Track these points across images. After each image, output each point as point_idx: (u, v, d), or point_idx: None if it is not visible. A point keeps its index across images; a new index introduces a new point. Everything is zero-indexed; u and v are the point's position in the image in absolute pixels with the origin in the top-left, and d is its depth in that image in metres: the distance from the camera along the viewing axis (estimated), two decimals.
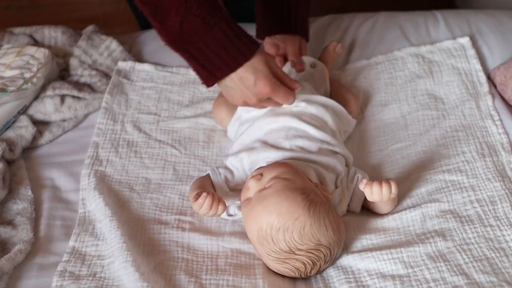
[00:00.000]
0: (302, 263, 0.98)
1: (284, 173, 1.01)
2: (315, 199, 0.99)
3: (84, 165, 1.21)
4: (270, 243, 0.97)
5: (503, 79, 1.36)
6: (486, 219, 1.06)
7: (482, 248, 1.00)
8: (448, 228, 1.05)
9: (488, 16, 1.57)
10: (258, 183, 1.01)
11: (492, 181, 1.13)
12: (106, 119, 1.33)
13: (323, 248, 0.97)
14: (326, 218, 0.98)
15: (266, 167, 1.05)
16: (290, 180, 1.00)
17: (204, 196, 1.02)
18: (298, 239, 0.96)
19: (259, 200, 0.99)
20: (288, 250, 0.97)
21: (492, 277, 0.95)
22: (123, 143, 1.28)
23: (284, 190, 0.98)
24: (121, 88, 1.41)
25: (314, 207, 0.97)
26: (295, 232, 0.95)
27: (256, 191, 1.01)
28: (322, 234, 0.97)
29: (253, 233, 0.99)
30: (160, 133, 1.31)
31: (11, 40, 1.50)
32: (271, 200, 0.97)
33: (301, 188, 1.00)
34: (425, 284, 0.95)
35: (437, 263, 0.98)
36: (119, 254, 1.00)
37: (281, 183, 0.99)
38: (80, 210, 1.13)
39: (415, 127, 1.30)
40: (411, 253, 1.01)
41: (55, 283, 0.99)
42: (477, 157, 1.18)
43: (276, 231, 0.96)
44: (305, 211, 0.96)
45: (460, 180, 1.14)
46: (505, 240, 1.02)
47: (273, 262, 0.99)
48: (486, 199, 1.09)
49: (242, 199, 1.04)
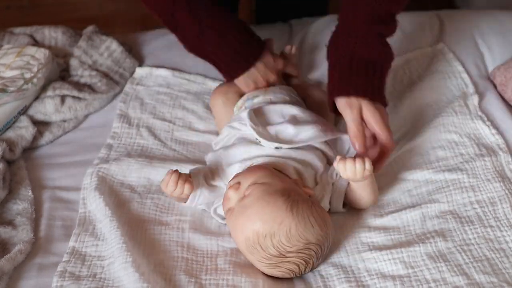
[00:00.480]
0: (295, 264, 0.98)
1: (261, 178, 1.01)
2: (296, 198, 0.99)
3: (91, 165, 1.21)
4: (260, 250, 0.97)
5: (503, 79, 1.36)
6: (486, 220, 1.06)
7: (482, 248, 1.00)
8: (448, 229, 1.05)
9: (488, 16, 1.57)
10: (237, 192, 1.01)
11: (492, 181, 1.13)
12: (122, 122, 1.33)
13: (313, 245, 0.97)
14: (310, 216, 0.98)
15: (242, 173, 1.05)
16: (268, 184, 1.00)
17: (170, 173, 1.03)
18: (286, 242, 0.96)
19: (241, 210, 0.99)
20: (278, 255, 0.97)
21: (492, 278, 0.95)
22: (138, 148, 1.27)
23: (264, 196, 0.98)
24: (136, 94, 1.41)
25: (296, 207, 0.97)
26: (282, 235, 0.95)
27: (237, 200, 1.01)
28: (309, 232, 0.97)
29: (241, 243, 1.00)
30: (175, 143, 1.30)
31: (11, 40, 1.50)
32: (253, 209, 0.97)
33: (281, 190, 0.99)
34: (426, 284, 0.95)
35: (438, 263, 0.98)
36: (119, 255, 1.00)
37: (260, 189, 0.99)
38: (81, 210, 1.13)
39: (412, 130, 1.30)
40: (411, 253, 1.01)
41: (55, 283, 0.99)
42: (475, 157, 1.19)
43: (263, 238, 0.96)
44: (288, 213, 0.96)
45: (460, 178, 1.14)
46: (505, 241, 1.02)
47: (266, 268, 1.00)
48: (486, 200, 1.10)
49: (225, 209, 1.04)
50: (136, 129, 1.32)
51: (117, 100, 1.41)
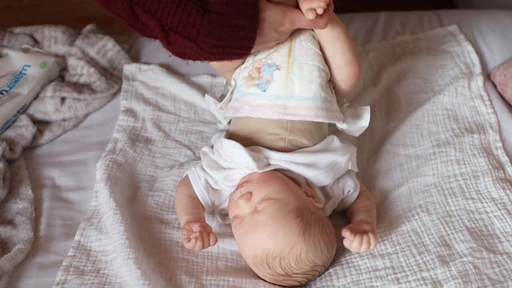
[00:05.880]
0: (298, 282, 0.99)
1: (275, 192, 0.98)
2: (309, 219, 0.97)
3: (100, 158, 1.21)
4: (266, 268, 0.97)
5: (503, 79, 1.36)
6: (468, 192, 1.11)
7: (463, 219, 1.05)
8: (432, 202, 1.10)
9: (488, 16, 1.57)
10: (248, 203, 0.98)
11: (477, 156, 1.17)
12: (127, 116, 1.33)
13: (319, 267, 0.99)
14: (321, 239, 0.97)
15: (254, 182, 1.01)
16: (282, 201, 0.97)
17: (195, 239, 0.97)
18: (295, 265, 0.96)
19: (253, 228, 0.97)
20: (284, 274, 0.97)
21: (471, 244, 1.00)
22: (141, 139, 1.28)
23: (279, 217, 0.96)
24: (135, 90, 1.41)
25: (309, 231, 0.96)
26: (292, 260, 0.95)
27: (248, 212, 0.98)
28: (318, 257, 0.97)
29: (248, 258, 0.99)
30: (179, 134, 1.31)
31: (11, 40, 1.50)
32: (266, 229, 0.96)
33: (295, 209, 0.97)
34: (412, 258, 1.00)
35: (422, 238, 1.03)
36: (122, 251, 1.00)
37: (274, 207, 0.97)
38: (93, 203, 1.13)
39: (411, 107, 1.35)
40: (399, 232, 1.05)
41: (59, 278, 0.99)
42: (465, 132, 1.23)
43: (272, 259, 0.96)
44: (300, 238, 0.95)
45: (448, 152, 1.18)
46: (485, 211, 1.06)
47: (268, 281, 1.00)
48: (470, 173, 1.14)
49: (231, 215, 1.02)
50: (142, 123, 1.32)
51: (116, 99, 1.41)
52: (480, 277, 0.94)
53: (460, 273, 0.94)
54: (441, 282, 0.94)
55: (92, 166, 1.21)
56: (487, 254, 0.98)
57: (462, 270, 0.95)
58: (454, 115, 1.29)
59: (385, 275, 0.98)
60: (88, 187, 1.19)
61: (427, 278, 0.96)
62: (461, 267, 0.96)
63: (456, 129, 1.25)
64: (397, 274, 0.98)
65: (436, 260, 0.98)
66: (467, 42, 1.47)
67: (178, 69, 1.48)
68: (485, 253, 0.98)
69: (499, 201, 1.08)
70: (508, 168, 1.15)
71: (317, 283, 1.00)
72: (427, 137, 1.25)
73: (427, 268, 0.97)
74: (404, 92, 1.38)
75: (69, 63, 1.45)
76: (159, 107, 1.37)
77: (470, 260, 0.96)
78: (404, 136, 1.26)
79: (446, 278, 0.95)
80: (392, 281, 0.97)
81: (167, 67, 1.47)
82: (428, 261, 0.98)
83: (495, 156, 1.18)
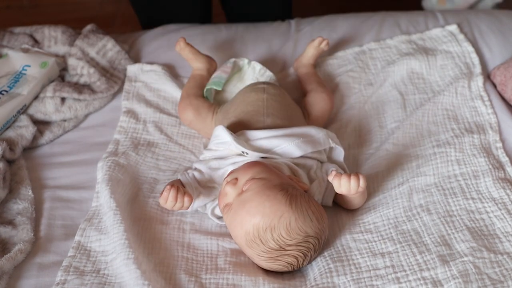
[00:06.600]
0: (294, 257, 0.99)
1: (258, 173, 1.02)
2: (294, 192, 1.00)
3: (101, 159, 1.21)
4: (259, 244, 0.98)
5: (503, 79, 1.36)
6: (469, 192, 1.11)
7: (464, 219, 1.05)
8: (433, 201, 1.09)
9: (488, 16, 1.58)
10: (235, 188, 1.02)
11: (477, 156, 1.17)
12: (129, 117, 1.33)
13: (311, 238, 0.99)
14: (308, 209, 0.99)
15: (239, 169, 1.06)
16: (266, 179, 1.01)
17: (168, 189, 1.03)
18: (286, 235, 0.97)
19: (241, 205, 0.99)
20: (278, 248, 0.98)
21: (472, 243, 0.99)
22: (144, 142, 1.28)
23: (264, 190, 0.99)
24: (136, 91, 1.41)
25: (295, 201, 0.99)
26: (282, 229, 0.96)
27: (235, 195, 1.01)
28: (308, 226, 0.98)
29: (241, 238, 1.00)
30: (181, 137, 1.31)
31: (11, 39, 1.50)
32: (252, 203, 0.98)
33: (279, 184, 1.01)
34: (412, 257, 1.00)
35: (423, 237, 1.03)
36: (121, 251, 1.00)
37: (259, 184, 1.00)
38: (93, 204, 1.13)
39: (411, 108, 1.35)
40: (399, 232, 1.05)
41: (59, 278, 0.99)
42: (465, 133, 1.23)
43: (263, 231, 0.97)
44: (287, 207, 0.97)
45: (448, 152, 1.18)
46: (485, 211, 1.06)
47: (265, 262, 1.00)
48: (470, 173, 1.14)
49: (221, 206, 1.04)
50: (143, 125, 1.32)
51: (116, 99, 1.41)
52: (480, 276, 0.94)
53: (460, 273, 0.95)
54: (441, 282, 0.95)
55: (93, 167, 1.21)
56: (488, 254, 0.98)
57: (462, 270, 0.95)
58: (454, 115, 1.29)
59: (385, 274, 0.98)
60: (88, 187, 1.19)
61: (428, 278, 0.96)
62: (461, 266, 0.96)
63: (456, 129, 1.25)
64: (397, 273, 0.98)
65: (437, 259, 0.98)
66: (467, 42, 1.47)
67: (178, 69, 1.48)
68: (485, 253, 0.98)
69: (499, 201, 1.08)
70: (508, 168, 1.15)
71: (318, 279, 1.00)
72: (427, 137, 1.25)
73: (428, 267, 0.97)
74: (404, 92, 1.38)
75: (69, 63, 1.45)
76: (160, 109, 1.37)
77: (471, 260, 0.97)
78: (404, 136, 1.26)
79: (446, 278, 0.95)
80: (392, 280, 0.97)
81: (168, 67, 1.47)
82: (429, 260, 0.98)
83: (495, 156, 1.18)
